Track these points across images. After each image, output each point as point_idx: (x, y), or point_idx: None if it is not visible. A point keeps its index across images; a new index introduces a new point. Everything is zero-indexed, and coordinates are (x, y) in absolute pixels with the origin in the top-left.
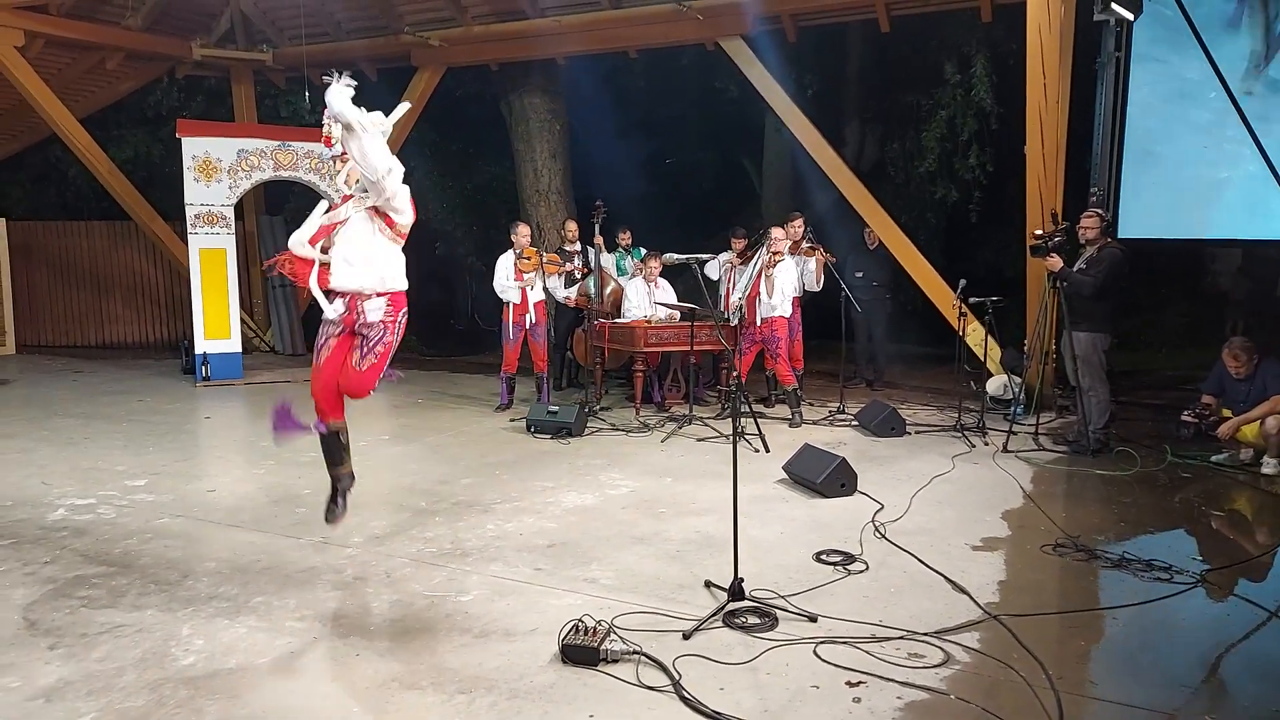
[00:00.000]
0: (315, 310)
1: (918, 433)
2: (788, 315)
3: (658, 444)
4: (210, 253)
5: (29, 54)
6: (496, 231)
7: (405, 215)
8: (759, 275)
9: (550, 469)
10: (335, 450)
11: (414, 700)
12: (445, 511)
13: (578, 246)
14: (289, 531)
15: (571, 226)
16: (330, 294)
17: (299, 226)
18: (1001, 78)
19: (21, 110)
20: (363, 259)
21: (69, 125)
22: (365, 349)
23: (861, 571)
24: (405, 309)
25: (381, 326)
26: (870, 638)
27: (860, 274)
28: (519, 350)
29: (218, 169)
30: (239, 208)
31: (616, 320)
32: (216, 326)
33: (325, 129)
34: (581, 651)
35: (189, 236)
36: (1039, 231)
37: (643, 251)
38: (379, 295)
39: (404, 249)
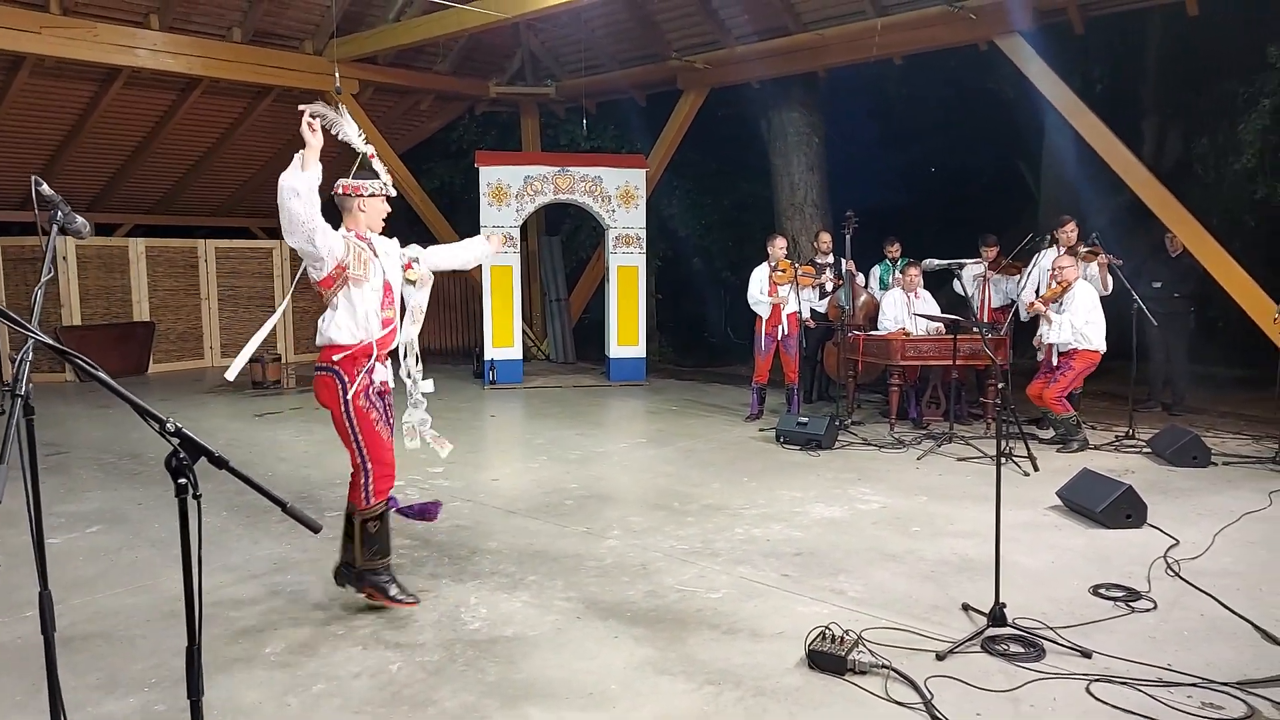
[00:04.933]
0: (585, 322)
1: (1225, 464)
2: (1098, 349)
3: (913, 461)
4: (500, 270)
5: (361, 100)
6: (750, 246)
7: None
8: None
9: (799, 479)
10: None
11: (665, 685)
12: (696, 513)
13: (830, 258)
14: (558, 521)
15: (825, 237)
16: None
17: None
18: None
19: (354, 151)
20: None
21: (393, 161)
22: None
23: (1148, 610)
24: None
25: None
26: (1156, 681)
27: (1158, 284)
28: (770, 361)
29: (507, 194)
30: (523, 229)
31: (871, 332)
32: (502, 336)
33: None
34: (828, 659)
35: None
36: None
37: (905, 262)
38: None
39: (663, 265)
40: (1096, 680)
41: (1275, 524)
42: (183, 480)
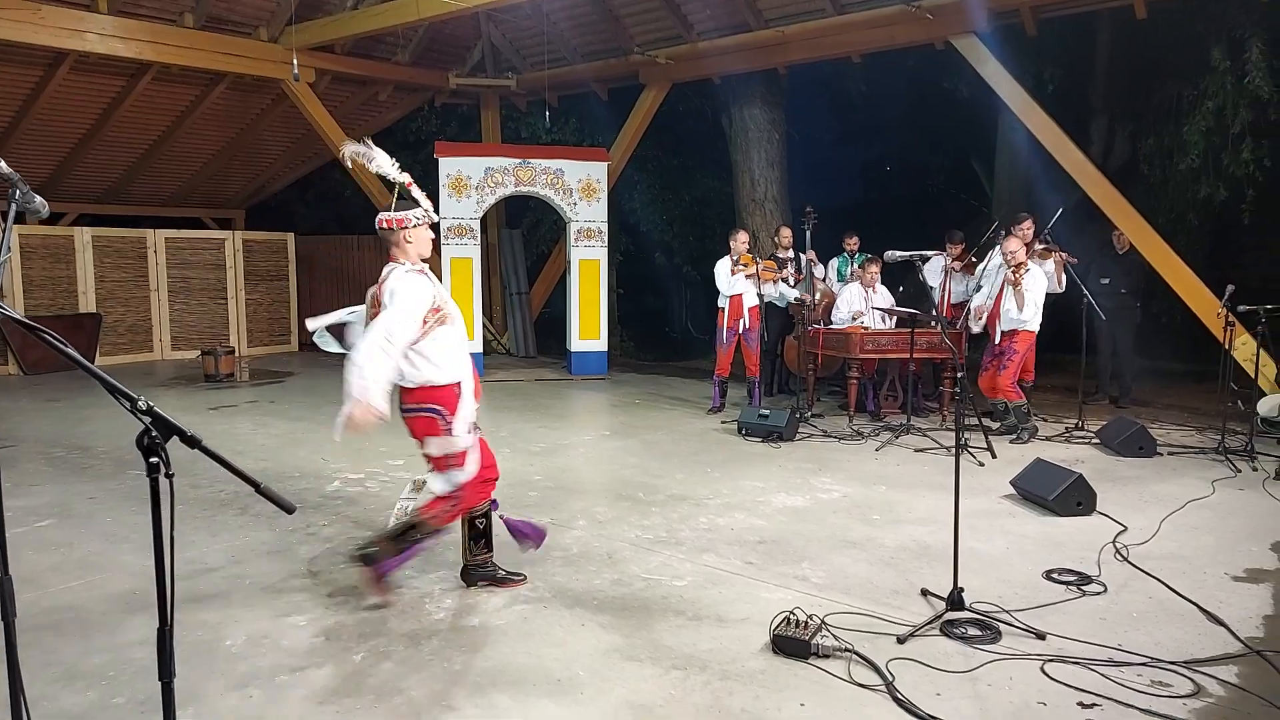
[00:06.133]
0: (546, 316)
1: (1170, 454)
2: (1035, 329)
3: (871, 452)
4: (459, 261)
5: (318, 89)
6: (712, 241)
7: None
8: (1000, 292)
9: (761, 470)
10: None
11: (633, 671)
12: (661, 503)
13: (791, 254)
14: (523, 512)
15: (786, 233)
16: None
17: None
18: None
19: (310, 139)
20: None
21: None
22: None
23: (1099, 594)
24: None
25: None
26: (1107, 661)
27: (1106, 280)
28: (732, 354)
29: (468, 185)
30: (483, 221)
31: (831, 326)
32: None
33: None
34: (792, 643)
35: (442, 247)
36: None
37: (865, 257)
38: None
39: (624, 259)
40: (1050, 660)
41: (1217, 510)
42: (154, 459)
